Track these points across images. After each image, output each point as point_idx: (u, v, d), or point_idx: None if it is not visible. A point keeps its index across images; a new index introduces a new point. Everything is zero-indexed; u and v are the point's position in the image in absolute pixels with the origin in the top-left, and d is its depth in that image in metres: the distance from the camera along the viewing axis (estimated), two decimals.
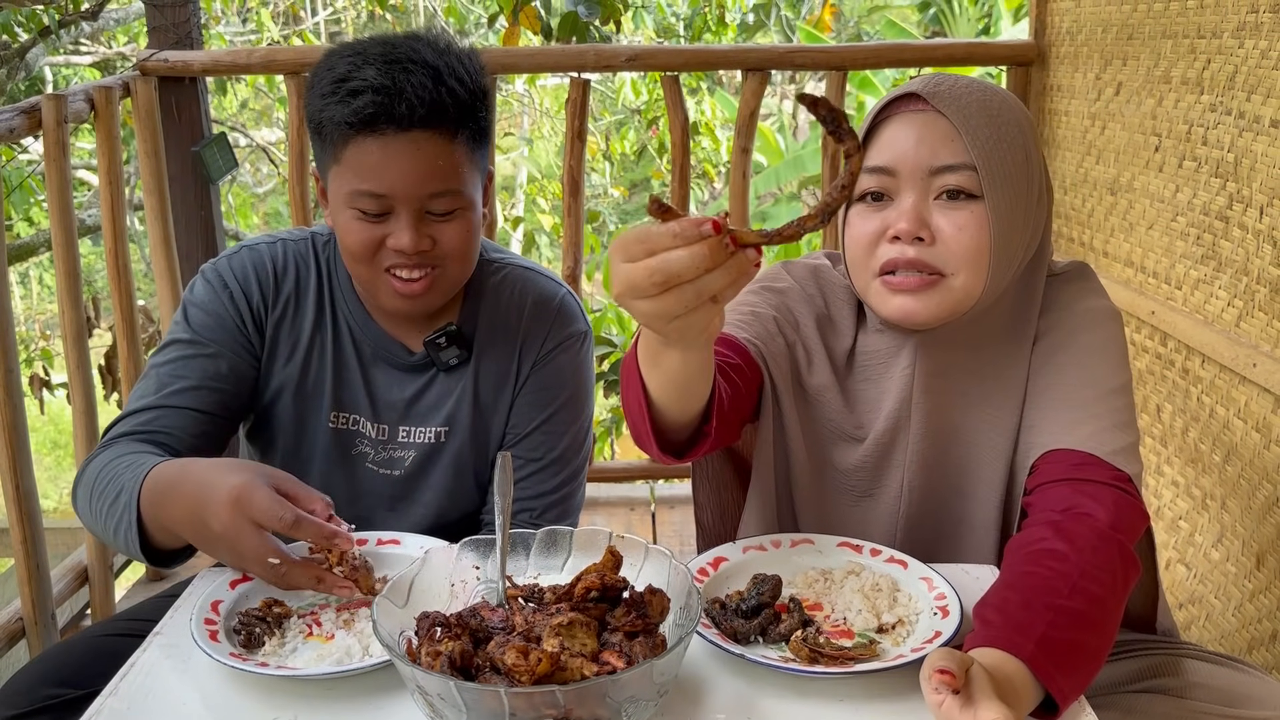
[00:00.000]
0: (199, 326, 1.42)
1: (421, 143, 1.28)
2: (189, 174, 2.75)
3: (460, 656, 0.92)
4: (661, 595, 1.01)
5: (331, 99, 1.28)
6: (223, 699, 1.04)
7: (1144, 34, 2.17)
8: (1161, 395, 2.13)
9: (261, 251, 1.46)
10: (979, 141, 1.17)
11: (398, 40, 1.32)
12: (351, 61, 1.29)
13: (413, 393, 1.48)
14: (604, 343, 4.04)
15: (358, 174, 1.29)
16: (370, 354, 1.47)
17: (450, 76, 1.30)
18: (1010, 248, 1.20)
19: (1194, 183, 1.99)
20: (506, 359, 1.48)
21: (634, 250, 0.84)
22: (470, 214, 1.37)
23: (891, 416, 1.28)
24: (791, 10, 8.26)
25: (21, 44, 4.77)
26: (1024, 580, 1.06)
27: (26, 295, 9.71)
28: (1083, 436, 1.19)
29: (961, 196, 1.18)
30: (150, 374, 1.41)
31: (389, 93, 1.26)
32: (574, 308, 1.53)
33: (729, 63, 2.90)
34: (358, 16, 9.63)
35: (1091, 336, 1.27)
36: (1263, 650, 1.80)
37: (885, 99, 1.22)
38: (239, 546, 1.12)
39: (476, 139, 1.35)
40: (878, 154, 1.21)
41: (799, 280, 1.36)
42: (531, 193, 8.42)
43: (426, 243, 1.33)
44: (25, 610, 2.24)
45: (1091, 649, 1.01)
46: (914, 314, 1.21)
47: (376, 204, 1.30)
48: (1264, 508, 1.79)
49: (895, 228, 1.19)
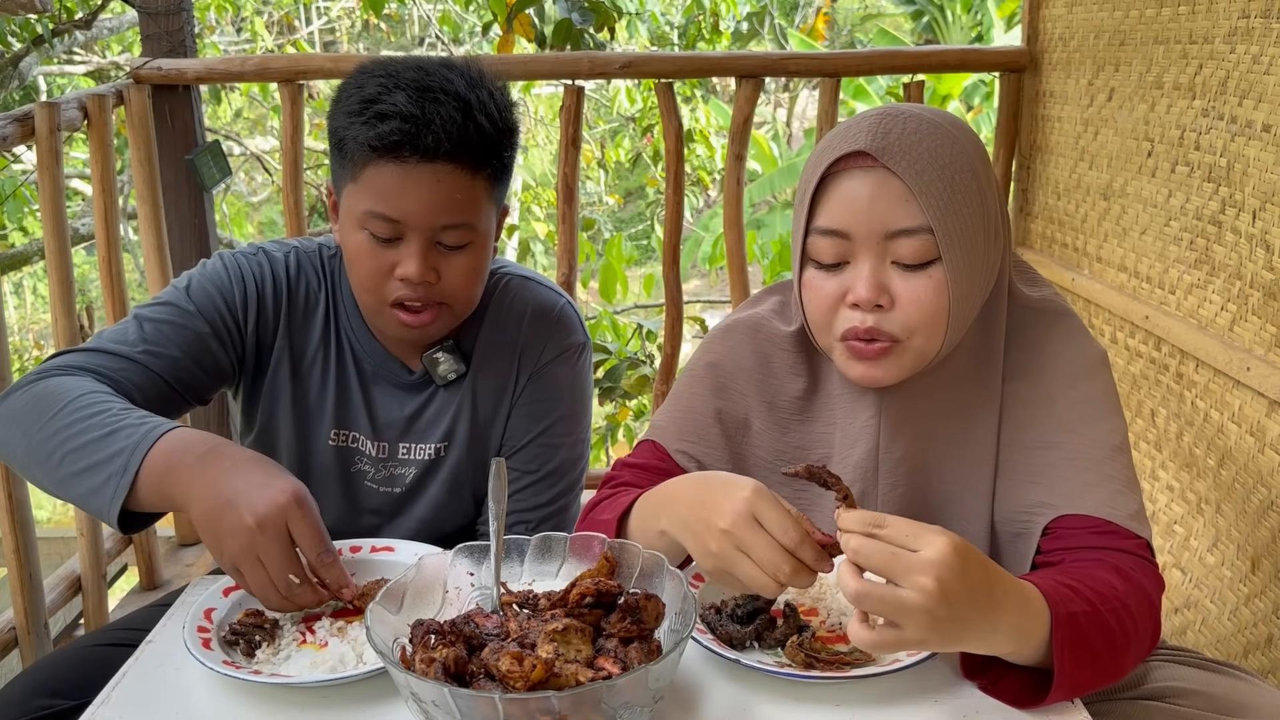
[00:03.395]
0: (200, 299, 1.38)
1: (443, 175, 1.27)
2: (183, 182, 2.75)
3: (454, 663, 0.92)
4: (656, 601, 1.01)
5: (358, 118, 1.26)
6: (216, 708, 1.03)
7: (1136, 39, 2.17)
8: (1156, 400, 2.13)
9: (278, 260, 1.44)
10: (934, 203, 1.12)
11: (432, 67, 1.29)
12: (382, 83, 1.27)
13: (412, 410, 1.47)
14: (599, 349, 4.04)
15: (374, 196, 1.28)
16: (371, 372, 1.46)
17: (480, 112, 1.28)
18: (969, 300, 1.18)
19: (1187, 187, 1.99)
20: (505, 369, 1.47)
21: (745, 531, 1.00)
22: (481, 250, 1.35)
23: (860, 468, 1.26)
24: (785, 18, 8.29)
25: (15, 52, 4.77)
26: (1072, 572, 1.08)
27: (20, 305, 9.69)
28: (1098, 502, 1.18)
29: (919, 265, 1.15)
30: (133, 322, 1.36)
31: (417, 122, 1.24)
32: (573, 318, 1.52)
33: (723, 69, 2.91)
34: (352, 26, 9.64)
35: (1089, 388, 1.24)
36: (1258, 654, 1.80)
37: (832, 154, 1.15)
38: (267, 550, 1.07)
39: (498, 176, 1.34)
40: (829, 216, 1.16)
41: (735, 350, 1.33)
42: (526, 200, 8.43)
43: (433, 275, 1.31)
44: (18, 620, 2.23)
45: (1100, 665, 1.02)
46: (877, 380, 1.20)
47: (388, 228, 1.29)
48: (1258, 512, 1.79)
49: (854, 294, 1.16)
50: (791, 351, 1.31)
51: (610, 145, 8.46)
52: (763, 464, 1.32)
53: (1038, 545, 1.20)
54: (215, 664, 1.04)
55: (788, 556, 0.99)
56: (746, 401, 1.32)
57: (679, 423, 1.33)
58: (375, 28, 9.59)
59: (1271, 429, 1.75)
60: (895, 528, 0.93)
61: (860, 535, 0.94)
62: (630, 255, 7.34)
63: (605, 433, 4.49)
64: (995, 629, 0.95)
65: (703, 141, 7.10)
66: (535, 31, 3.81)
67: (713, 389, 1.33)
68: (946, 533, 0.93)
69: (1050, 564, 1.17)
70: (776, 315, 1.35)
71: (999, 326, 1.26)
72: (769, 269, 5.09)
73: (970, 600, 0.92)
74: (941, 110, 1.21)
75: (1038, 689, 1.00)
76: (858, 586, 0.92)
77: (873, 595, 0.92)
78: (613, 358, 4.02)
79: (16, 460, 1.24)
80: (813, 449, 1.31)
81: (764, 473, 1.31)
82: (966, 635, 0.95)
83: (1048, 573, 1.10)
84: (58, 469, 1.18)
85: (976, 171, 1.16)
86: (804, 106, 12.50)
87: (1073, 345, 1.27)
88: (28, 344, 7.69)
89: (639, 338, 4.30)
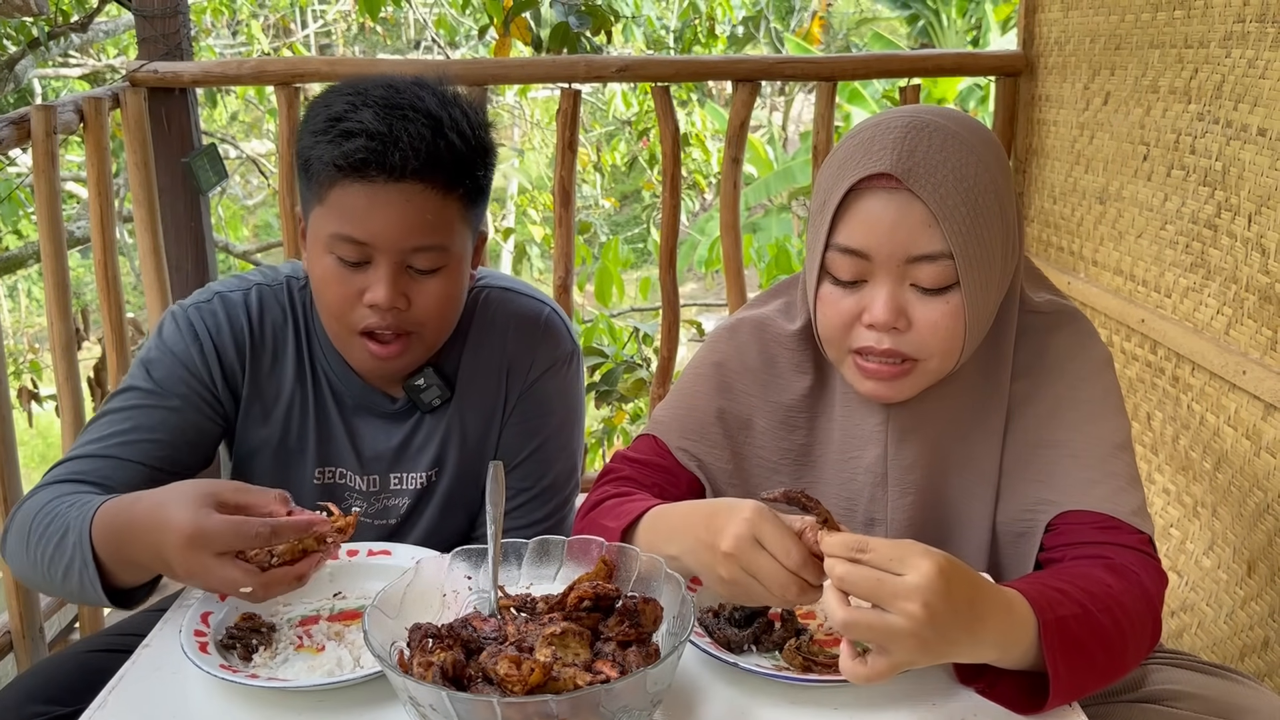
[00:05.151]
0: (162, 377, 1.33)
1: (412, 195, 1.22)
2: (179, 185, 2.74)
3: (452, 667, 0.92)
4: (654, 604, 1.01)
5: (323, 137, 1.22)
6: (213, 712, 1.03)
7: (1131, 44, 2.18)
8: (1152, 403, 2.13)
9: (235, 301, 1.37)
10: (957, 229, 1.12)
11: (402, 85, 1.25)
12: (350, 101, 1.23)
13: (400, 440, 1.42)
14: (595, 353, 4.04)
15: (340, 218, 1.23)
16: (352, 405, 1.41)
17: (451, 130, 1.23)
18: (983, 320, 1.19)
19: (1182, 191, 2.00)
20: (492, 389, 1.43)
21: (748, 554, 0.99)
22: (455, 274, 1.30)
23: (870, 472, 1.26)
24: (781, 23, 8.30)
25: (10, 56, 4.76)
26: (1063, 573, 1.08)
27: (15, 308, 9.67)
28: (1100, 497, 1.18)
29: (937, 289, 1.15)
30: (101, 420, 1.32)
31: (384, 139, 1.20)
32: (560, 326, 1.47)
33: (719, 73, 2.91)
34: (348, 29, 9.64)
35: (1093, 388, 1.25)
36: (1254, 657, 1.80)
37: (856, 172, 1.14)
38: (210, 583, 1.08)
39: (472, 197, 1.29)
40: (850, 234, 1.15)
41: (741, 349, 1.34)
42: (522, 204, 8.43)
43: (403, 300, 1.26)
44: (13, 625, 2.23)
45: (1096, 666, 1.02)
46: (888, 398, 1.20)
47: (356, 250, 1.24)
48: (1254, 514, 1.79)
49: (871, 316, 1.15)
50: (797, 350, 1.31)
51: (607, 149, 8.46)
52: (765, 464, 1.32)
53: (1040, 542, 1.20)
54: (212, 668, 1.04)
55: (793, 578, 0.99)
56: (750, 401, 1.32)
57: (681, 420, 1.33)
58: (371, 31, 9.59)
59: (1267, 432, 1.75)
60: (879, 551, 0.93)
61: (844, 561, 0.93)
62: (626, 259, 7.36)
63: (601, 436, 4.49)
64: (979, 641, 0.95)
65: (699, 145, 7.11)
66: (532, 35, 3.81)
67: (716, 388, 1.33)
68: (931, 553, 0.93)
69: (1053, 560, 1.17)
70: (782, 315, 1.35)
71: (1009, 334, 1.26)
72: (765, 272, 5.10)
73: (956, 619, 0.92)
74: (966, 118, 1.20)
75: (1036, 692, 1.00)
76: (845, 615, 0.91)
77: (860, 623, 0.91)
78: (609, 361, 4.02)
79: (43, 590, 1.27)
80: (818, 447, 1.31)
81: (765, 473, 1.31)
82: (951, 651, 0.95)
83: (1037, 576, 1.10)
84: (55, 585, 1.20)
85: (999, 189, 1.15)
86: (800, 110, 12.52)
87: (1081, 347, 1.27)
88: (22, 347, 7.67)
89: (635, 341, 4.30)
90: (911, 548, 0.93)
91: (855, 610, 0.92)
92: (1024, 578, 1.09)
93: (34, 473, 9.06)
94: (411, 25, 9.23)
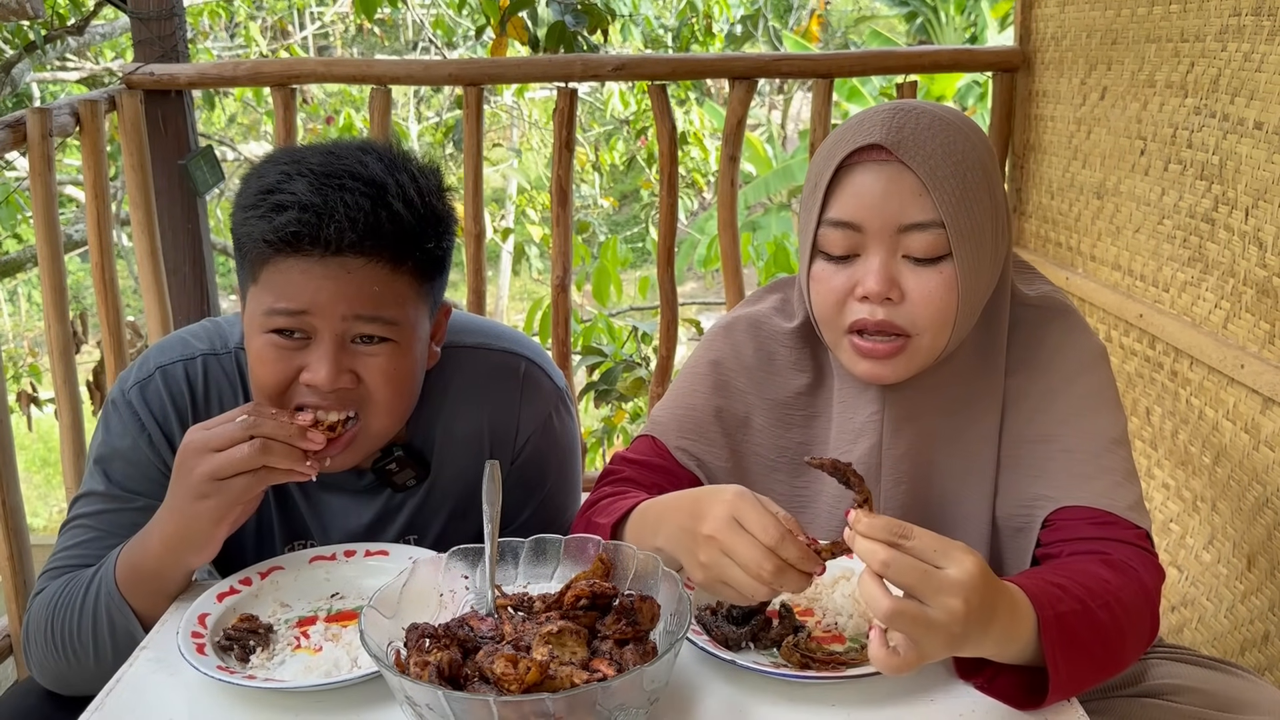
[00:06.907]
0: (119, 478, 1.27)
1: (354, 267, 1.12)
2: (176, 188, 2.74)
3: (449, 666, 0.92)
4: (652, 602, 1.01)
5: (254, 212, 1.13)
6: (210, 712, 1.03)
7: (1128, 38, 2.18)
8: (1150, 398, 2.13)
9: (177, 376, 1.28)
10: (947, 199, 1.13)
11: (344, 151, 1.16)
12: (284, 171, 1.14)
13: (372, 517, 1.34)
14: (594, 352, 4.04)
15: (275, 293, 1.13)
16: (316, 482, 1.23)
17: (396, 198, 1.13)
18: (976, 297, 1.19)
19: (1180, 185, 1.99)
20: (475, 462, 1.29)
21: (727, 535, 0.99)
22: (405, 353, 1.18)
23: (863, 463, 1.26)
24: (779, 21, 8.30)
25: (7, 59, 4.76)
26: (1061, 569, 1.08)
27: (14, 312, 9.68)
28: (1096, 492, 1.18)
29: (929, 260, 1.15)
30: (71, 528, 1.27)
31: (317, 211, 1.10)
32: (538, 375, 1.38)
33: (716, 71, 2.91)
34: (346, 30, 9.65)
35: (1088, 382, 1.25)
36: (1255, 651, 1.80)
37: (847, 146, 1.16)
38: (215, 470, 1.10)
39: (425, 270, 1.18)
40: (841, 207, 1.16)
41: (737, 348, 1.33)
42: (521, 204, 8.43)
43: (347, 379, 1.15)
44: (12, 628, 2.23)
45: (1095, 662, 1.02)
46: (884, 378, 1.20)
47: (293, 321, 1.13)
48: (1254, 509, 1.79)
49: (864, 287, 1.16)
50: (794, 348, 1.31)
51: (604, 148, 8.45)
52: (763, 461, 1.32)
53: (1038, 538, 1.20)
54: (210, 669, 1.04)
55: (769, 554, 0.98)
56: (747, 399, 1.32)
57: (679, 420, 1.33)
58: (369, 32, 9.59)
59: (1266, 426, 1.75)
60: (922, 541, 0.92)
61: (885, 546, 0.91)
62: (625, 258, 7.35)
63: (601, 436, 4.49)
64: (986, 636, 0.96)
65: (697, 144, 7.10)
66: (528, 34, 3.80)
67: (714, 387, 1.33)
68: (971, 551, 0.93)
69: (1050, 556, 1.17)
70: (778, 312, 1.35)
71: (1001, 323, 1.26)
72: (764, 271, 5.09)
73: (981, 617, 0.92)
74: (951, 107, 1.22)
75: (1035, 688, 1.00)
76: (891, 606, 0.90)
77: (906, 615, 0.90)
78: (608, 361, 4.03)
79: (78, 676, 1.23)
80: (815, 444, 1.31)
81: (764, 470, 1.31)
82: (965, 646, 0.95)
83: (1035, 572, 1.10)
84: (87, 652, 1.20)
85: (987, 169, 1.17)
86: (798, 109, 12.51)
87: (1073, 341, 1.27)
88: (22, 351, 7.67)
89: (634, 340, 4.30)
90: (953, 543, 0.93)
91: (902, 601, 0.90)
92: (1022, 573, 1.09)
93: (34, 476, 9.04)
94: (409, 26, 9.22)
